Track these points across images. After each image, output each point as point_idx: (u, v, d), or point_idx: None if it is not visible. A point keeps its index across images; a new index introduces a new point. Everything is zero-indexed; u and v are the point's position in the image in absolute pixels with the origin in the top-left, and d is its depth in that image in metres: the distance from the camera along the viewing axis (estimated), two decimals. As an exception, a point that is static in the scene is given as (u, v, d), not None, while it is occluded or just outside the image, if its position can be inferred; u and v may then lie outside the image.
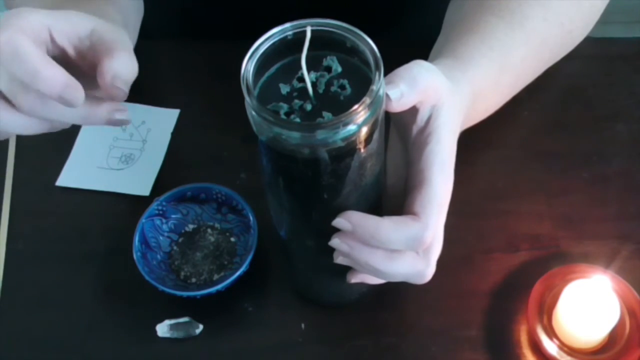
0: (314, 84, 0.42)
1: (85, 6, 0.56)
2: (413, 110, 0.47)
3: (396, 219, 0.45)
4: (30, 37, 0.46)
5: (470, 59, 0.55)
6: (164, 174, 0.67)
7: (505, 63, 0.58)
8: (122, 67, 0.48)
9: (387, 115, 0.45)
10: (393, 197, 0.50)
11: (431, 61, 0.53)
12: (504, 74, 0.58)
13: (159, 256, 0.61)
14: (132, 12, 0.65)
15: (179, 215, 0.62)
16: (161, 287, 0.57)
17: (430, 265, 0.48)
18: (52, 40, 0.49)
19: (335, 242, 0.46)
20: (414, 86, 0.45)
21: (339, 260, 0.48)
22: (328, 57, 0.43)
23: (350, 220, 0.45)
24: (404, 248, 0.46)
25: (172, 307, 0.59)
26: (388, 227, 0.45)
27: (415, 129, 0.48)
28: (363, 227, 0.45)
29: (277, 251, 0.61)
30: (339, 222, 0.45)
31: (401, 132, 0.49)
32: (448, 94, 0.48)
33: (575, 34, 0.65)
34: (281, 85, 0.42)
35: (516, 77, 0.61)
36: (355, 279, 0.51)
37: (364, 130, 0.40)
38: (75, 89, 0.46)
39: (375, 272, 0.47)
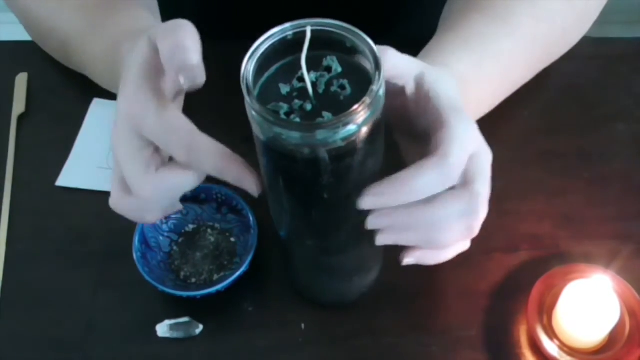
0: (314, 84, 0.42)
1: (121, 13, 0.59)
2: (402, 98, 0.47)
3: (417, 163, 0.44)
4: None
5: (442, 52, 0.56)
6: (164, 174, 0.67)
7: (485, 53, 0.57)
8: None
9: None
10: None
11: None
12: (486, 62, 0.58)
13: (159, 256, 0.61)
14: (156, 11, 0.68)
15: (178, 215, 0.62)
16: (161, 287, 0.57)
17: (473, 194, 0.45)
18: None
19: (372, 222, 0.44)
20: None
21: (383, 240, 0.45)
22: (328, 57, 0.43)
23: (375, 193, 0.43)
24: (438, 186, 0.44)
25: (172, 307, 0.59)
26: (413, 173, 0.43)
27: (411, 104, 0.47)
28: (391, 187, 0.43)
29: (277, 251, 0.61)
30: (366, 201, 0.43)
31: (404, 125, 0.49)
32: (429, 67, 0.47)
33: (570, 33, 0.64)
34: (281, 85, 0.42)
35: (504, 68, 0.60)
36: (409, 258, 0.47)
37: (364, 130, 0.40)
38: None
39: (426, 232, 0.45)
